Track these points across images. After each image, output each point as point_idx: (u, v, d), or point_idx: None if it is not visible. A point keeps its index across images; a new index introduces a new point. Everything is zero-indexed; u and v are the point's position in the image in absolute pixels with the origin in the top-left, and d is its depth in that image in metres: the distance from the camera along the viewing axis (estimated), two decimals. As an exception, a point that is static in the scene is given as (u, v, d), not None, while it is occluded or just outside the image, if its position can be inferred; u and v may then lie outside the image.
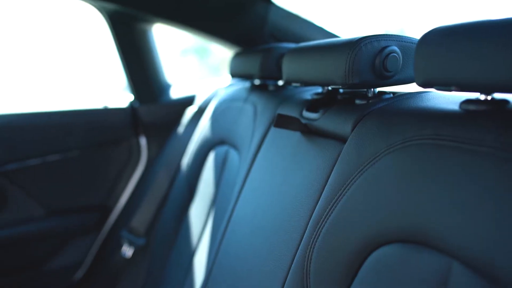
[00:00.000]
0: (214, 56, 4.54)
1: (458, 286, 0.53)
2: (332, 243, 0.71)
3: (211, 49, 3.79)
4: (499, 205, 0.51)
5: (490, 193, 0.52)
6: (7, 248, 1.64)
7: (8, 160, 1.61)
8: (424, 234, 0.58)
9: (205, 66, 4.86)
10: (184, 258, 1.33)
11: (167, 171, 1.61)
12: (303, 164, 0.89)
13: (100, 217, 1.73)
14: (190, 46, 4.79)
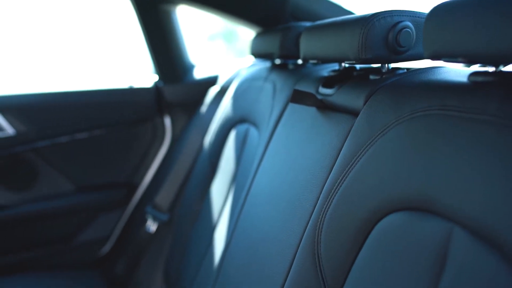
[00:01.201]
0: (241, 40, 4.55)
1: (458, 249, 0.55)
2: (341, 213, 0.74)
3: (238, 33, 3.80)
4: (499, 171, 0.52)
5: (491, 160, 0.53)
6: (38, 222, 1.72)
7: (39, 137, 1.67)
8: (428, 201, 0.60)
9: (233, 50, 4.89)
10: (205, 232, 1.37)
11: (190, 149, 1.65)
12: (317, 138, 0.91)
13: (126, 194, 1.79)
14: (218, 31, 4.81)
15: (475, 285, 0.51)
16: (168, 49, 1.75)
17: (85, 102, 1.72)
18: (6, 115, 1.63)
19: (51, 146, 1.70)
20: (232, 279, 1.05)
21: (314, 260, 0.76)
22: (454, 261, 0.55)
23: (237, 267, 1.04)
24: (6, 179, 1.68)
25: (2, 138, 1.64)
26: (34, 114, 1.66)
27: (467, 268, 0.53)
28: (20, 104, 1.66)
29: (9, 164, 1.68)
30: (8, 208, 1.68)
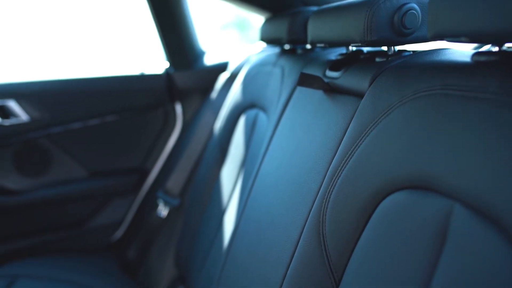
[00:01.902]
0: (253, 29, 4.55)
1: (459, 226, 0.56)
2: (346, 193, 0.75)
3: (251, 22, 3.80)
4: (500, 148, 0.53)
5: (492, 137, 0.54)
6: (52, 207, 1.75)
7: (52, 123, 1.70)
8: (430, 179, 0.60)
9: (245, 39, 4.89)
10: (215, 216, 1.39)
11: (201, 135, 1.67)
12: (323, 121, 0.92)
13: (138, 179, 1.82)
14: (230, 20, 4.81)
15: (474, 261, 0.52)
16: (179, 36, 1.76)
17: (97, 88, 1.74)
18: (20, 102, 1.66)
19: (64, 132, 1.73)
20: (240, 261, 1.06)
21: (319, 239, 0.77)
22: (454, 237, 0.56)
23: (245, 249, 1.06)
24: (21, 165, 1.71)
25: (17, 125, 1.67)
26: (47, 101, 1.69)
27: (467, 244, 0.54)
28: (34, 90, 1.68)
29: (24, 150, 1.71)
30: (22, 193, 1.71)
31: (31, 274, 1.53)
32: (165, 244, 1.68)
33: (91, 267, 1.69)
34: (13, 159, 1.70)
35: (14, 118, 1.66)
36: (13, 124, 1.67)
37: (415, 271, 0.59)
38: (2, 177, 1.69)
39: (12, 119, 1.66)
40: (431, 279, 0.57)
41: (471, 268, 0.52)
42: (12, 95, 1.65)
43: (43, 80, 1.71)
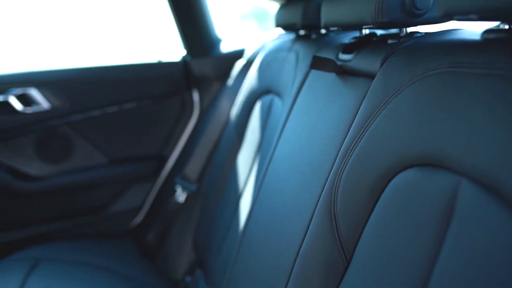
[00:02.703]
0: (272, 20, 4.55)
1: (466, 201, 0.56)
2: (357, 172, 0.76)
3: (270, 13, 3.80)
4: (506, 123, 0.53)
5: (499, 113, 0.54)
6: (73, 193, 1.79)
7: (72, 111, 1.74)
8: (438, 156, 0.61)
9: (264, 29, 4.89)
10: (231, 201, 1.41)
11: (218, 121, 1.69)
12: (336, 102, 0.93)
13: (156, 166, 1.85)
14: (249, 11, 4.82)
15: (481, 235, 0.53)
16: (195, 24, 1.78)
17: (116, 76, 1.77)
18: (41, 90, 1.70)
19: (84, 120, 1.76)
20: (254, 243, 1.08)
21: (331, 218, 0.79)
22: (461, 212, 0.56)
23: (259, 232, 1.08)
24: (43, 152, 1.75)
25: (38, 112, 1.71)
26: (67, 89, 1.73)
27: (474, 218, 0.55)
28: (55, 79, 1.72)
29: (45, 137, 1.75)
30: (44, 179, 1.76)
31: (53, 257, 1.57)
32: (183, 229, 1.71)
33: (112, 252, 1.73)
34: (35, 146, 1.74)
35: (36, 106, 1.70)
36: (35, 111, 1.71)
37: (422, 246, 0.60)
38: (25, 163, 1.74)
39: (34, 107, 1.70)
40: (438, 254, 0.58)
41: (477, 242, 0.53)
42: (34, 83, 1.69)
43: (63, 68, 1.75)
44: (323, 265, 0.78)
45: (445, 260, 0.56)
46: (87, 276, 1.52)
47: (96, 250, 1.70)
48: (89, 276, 1.53)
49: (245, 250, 1.13)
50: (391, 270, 0.64)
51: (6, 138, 1.72)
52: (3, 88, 1.67)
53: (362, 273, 0.71)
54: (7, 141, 1.72)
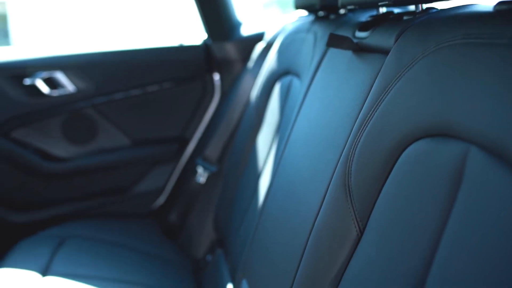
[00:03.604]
0: (292, 3, 4.55)
1: (474, 168, 0.58)
2: (370, 145, 0.77)
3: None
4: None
5: (507, 80, 0.55)
6: (98, 174, 1.85)
7: (97, 94, 1.78)
8: (448, 126, 0.62)
9: (287, 16, 4.90)
10: (251, 181, 1.43)
11: (238, 103, 1.72)
12: (352, 79, 0.94)
13: (178, 148, 1.89)
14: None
15: (488, 199, 0.54)
16: (216, 7, 1.80)
17: (139, 60, 1.81)
18: (67, 73, 1.75)
19: (108, 103, 1.81)
20: (272, 217, 1.11)
21: (345, 190, 0.81)
22: (469, 179, 0.58)
23: (276, 207, 1.10)
24: (68, 134, 1.81)
25: (64, 95, 1.76)
26: (92, 72, 1.77)
27: (482, 185, 0.56)
28: (80, 62, 1.77)
29: (71, 120, 1.80)
30: (70, 160, 1.81)
31: (79, 235, 1.63)
32: (204, 209, 1.74)
33: (135, 231, 1.78)
34: (61, 128, 1.80)
35: (62, 89, 1.75)
36: (61, 94, 1.76)
37: (433, 214, 0.61)
38: (51, 145, 1.79)
39: (60, 90, 1.75)
40: (447, 219, 0.59)
41: (485, 206, 0.54)
42: (60, 67, 1.74)
43: (88, 52, 1.80)
44: (337, 236, 0.80)
45: (454, 225, 0.58)
46: (111, 254, 1.57)
47: (120, 229, 1.75)
48: (113, 254, 1.58)
49: (263, 227, 1.15)
50: (403, 239, 0.66)
51: (34, 121, 1.77)
52: (31, 71, 1.72)
53: (375, 242, 0.73)
54: (34, 123, 1.77)
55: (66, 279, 1.35)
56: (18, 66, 1.73)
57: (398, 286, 0.64)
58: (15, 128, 1.76)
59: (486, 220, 0.54)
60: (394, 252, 0.67)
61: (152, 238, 1.77)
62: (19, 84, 1.73)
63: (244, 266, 1.21)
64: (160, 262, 1.61)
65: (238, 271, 1.26)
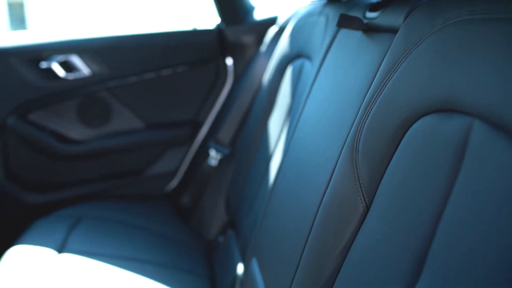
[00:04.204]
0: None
1: (477, 141, 0.59)
2: (378, 122, 0.79)
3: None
4: None
5: (511, 54, 0.56)
6: (112, 156, 1.88)
7: (111, 77, 1.81)
8: (453, 101, 0.63)
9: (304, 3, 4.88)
10: (262, 163, 1.45)
11: (251, 87, 1.73)
12: (361, 59, 0.95)
13: (191, 131, 1.91)
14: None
15: (490, 172, 0.55)
16: None
17: (152, 43, 1.83)
18: (82, 57, 1.77)
19: (122, 86, 1.83)
20: (282, 196, 1.13)
21: (353, 167, 0.82)
22: (472, 152, 0.59)
23: (286, 186, 1.12)
24: (84, 116, 1.84)
25: (79, 78, 1.79)
26: (106, 56, 1.80)
27: (485, 158, 0.57)
28: (95, 46, 1.79)
29: (86, 103, 1.83)
30: (85, 142, 1.84)
31: (94, 215, 1.66)
32: (216, 192, 1.77)
33: (149, 212, 1.81)
34: (77, 111, 1.83)
35: (77, 72, 1.78)
36: (76, 78, 1.79)
37: (435, 187, 0.63)
38: (67, 127, 1.83)
39: (75, 73, 1.78)
40: (449, 193, 0.60)
41: (487, 179, 0.55)
42: (75, 50, 1.77)
43: (103, 36, 1.82)
44: (344, 212, 0.81)
45: (457, 196, 0.59)
46: (125, 234, 1.61)
47: (134, 210, 1.78)
48: (128, 234, 1.61)
49: (272, 206, 1.17)
50: (407, 212, 0.67)
51: (50, 104, 1.81)
52: (47, 55, 1.75)
53: (380, 217, 0.74)
54: (50, 106, 1.81)
55: (82, 256, 1.38)
56: (34, 50, 1.76)
57: (402, 257, 0.65)
58: (32, 111, 1.79)
59: (488, 191, 0.55)
60: (398, 225, 0.69)
61: (165, 219, 1.80)
62: (35, 67, 1.76)
63: (254, 245, 1.24)
64: (173, 243, 1.64)
65: (248, 251, 1.28)
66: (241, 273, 1.33)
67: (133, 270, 1.38)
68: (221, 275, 1.51)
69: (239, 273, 1.34)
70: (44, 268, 1.30)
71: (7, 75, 1.74)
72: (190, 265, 1.54)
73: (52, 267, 1.31)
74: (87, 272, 1.32)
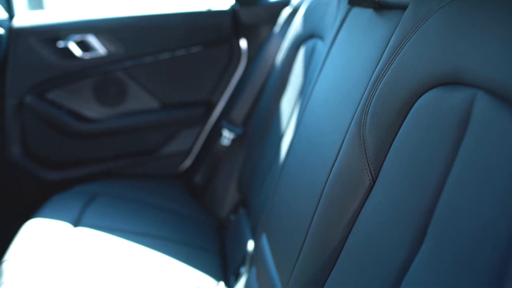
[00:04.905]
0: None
1: (480, 112, 0.60)
2: (385, 97, 0.80)
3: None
4: None
5: None
6: (127, 135, 1.91)
7: (127, 57, 1.84)
8: (458, 74, 0.64)
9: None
10: (274, 142, 1.47)
11: (264, 67, 1.74)
12: (370, 36, 0.96)
13: (205, 111, 1.94)
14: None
15: (492, 141, 0.56)
16: None
17: (167, 24, 1.85)
18: (99, 36, 1.80)
19: (138, 66, 1.86)
20: (292, 172, 1.15)
21: (360, 141, 0.83)
22: (475, 122, 0.60)
23: (296, 162, 1.14)
24: (100, 96, 1.87)
25: (96, 58, 1.82)
26: (122, 36, 1.82)
27: (487, 126, 0.58)
28: (111, 26, 1.82)
29: (102, 82, 1.86)
30: (101, 121, 1.88)
31: (108, 192, 1.70)
32: (228, 171, 1.79)
33: (163, 191, 1.84)
34: (93, 90, 1.86)
35: (93, 52, 1.81)
36: (93, 57, 1.82)
37: (439, 157, 0.64)
38: (83, 106, 1.86)
39: (92, 53, 1.81)
40: (452, 163, 0.62)
41: (489, 149, 0.56)
42: (92, 30, 1.79)
43: (119, 16, 1.84)
44: (351, 185, 0.83)
45: (459, 165, 0.60)
46: (139, 210, 1.64)
47: (147, 188, 1.82)
48: (142, 211, 1.65)
49: (283, 183, 1.19)
50: (411, 183, 0.69)
51: (67, 82, 1.84)
52: (64, 34, 1.78)
53: (386, 189, 0.75)
54: (67, 85, 1.84)
55: (96, 230, 1.42)
56: (52, 29, 1.79)
57: (405, 227, 0.67)
58: (50, 90, 1.83)
59: (489, 160, 0.56)
60: (402, 196, 0.70)
61: (179, 198, 1.83)
62: (53, 47, 1.79)
63: (264, 221, 1.26)
64: (185, 220, 1.67)
65: (259, 227, 1.31)
66: (251, 250, 1.36)
67: (146, 244, 1.41)
68: (232, 251, 1.54)
69: (250, 250, 1.37)
70: (60, 240, 1.34)
71: (26, 54, 1.78)
72: (202, 241, 1.58)
73: (68, 239, 1.35)
74: (101, 245, 1.36)
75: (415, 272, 0.63)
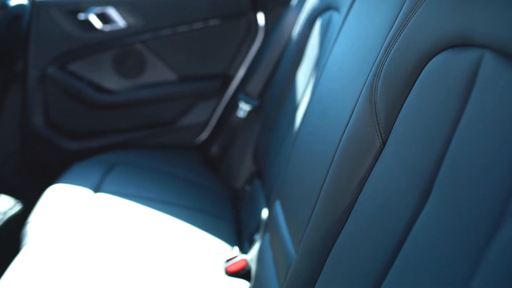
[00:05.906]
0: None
1: (487, 72, 0.61)
2: (396, 61, 0.81)
3: None
4: None
5: None
6: (145, 106, 1.95)
7: (145, 30, 1.86)
8: (466, 35, 0.66)
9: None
10: (289, 113, 1.49)
11: (281, 41, 1.76)
12: (384, 3, 0.97)
13: (222, 84, 1.96)
14: None
15: (498, 99, 0.58)
16: None
17: None
18: (118, 9, 1.83)
19: (156, 38, 1.89)
20: (305, 139, 1.17)
21: (371, 105, 0.85)
22: (482, 80, 0.61)
23: (309, 129, 1.16)
24: (119, 67, 1.90)
25: (115, 30, 1.85)
26: (141, 8, 1.85)
27: (493, 84, 0.59)
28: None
29: (121, 54, 1.90)
30: (119, 93, 1.92)
31: (127, 162, 1.74)
32: (244, 143, 1.83)
33: (180, 161, 1.88)
34: (112, 62, 1.90)
35: (113, 24, 1.84)
36: (112, 30, 1.85)
37: (445, 116, 0.66)
38: (103, 78, 1.90)
39: (112, 25, 1.84)
40: (458, 120, 0.64)
41: (495, 106, 0.58)
42: (112, 2, 1.82)
43: None
44: (362, 147, 0.85)
45: (465, 123, 0.62)
46: (157, 179, 1.69)
47: (165, 158, 1.86)
48: (159, 179, 1.69)
49: (296, 150, 1.22)
50: (418, 143, 0.71)
51: (87, 54, 1.88)
52: (85, 7, 1.81)
53: (395, 151, 0.78)
54: (88, 57, 1.88)
55: (116, 196, 1.47)
56: (73, 2, 1.82)
57: (411, 185, 0.69)
58: (71, 61, 1.87)
59: (494, 116, 0.57)
60: (409, 155, 0.72)
61: (195, 168, 1.87)
62: (74, 19, 1.82)
63: (278, 188, 1.29)
64: (201, 189, 1.72)
65: (272, 194, 1.34)
66: (265, 217, 1.39)
67: (164, 211, 1.46)
68: (246, 220, 1.57)
69: (264, 217, 1.40)
70: (81, 205, 1.39)
71: (48, 27, 1.81)
72: (217, 209, 1.62)
73: (89, 204, 1.40)
74: (121, 210, 1.40)
75: (419, 230, 0.65)
